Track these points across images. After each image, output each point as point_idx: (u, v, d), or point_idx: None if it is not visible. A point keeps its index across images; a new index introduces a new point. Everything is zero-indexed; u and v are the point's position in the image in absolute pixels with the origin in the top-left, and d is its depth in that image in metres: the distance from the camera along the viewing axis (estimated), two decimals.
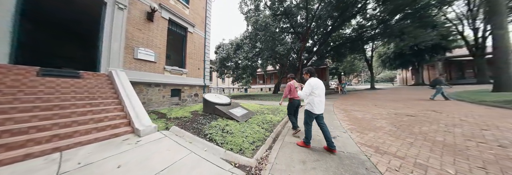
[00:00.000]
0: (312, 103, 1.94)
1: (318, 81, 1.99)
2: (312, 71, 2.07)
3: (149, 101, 5.01)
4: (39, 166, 1.40)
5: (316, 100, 1.92)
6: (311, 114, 1.96)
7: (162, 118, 3.34)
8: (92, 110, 2.52)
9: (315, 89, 1.93)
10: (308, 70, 2.09)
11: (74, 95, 2.73)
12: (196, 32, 7.03)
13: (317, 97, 1.93)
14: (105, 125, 2.29)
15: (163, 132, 2.41)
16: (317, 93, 1.93)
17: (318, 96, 1.93)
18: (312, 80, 1.98)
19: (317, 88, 1.93)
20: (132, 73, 4.56)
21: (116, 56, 4.20)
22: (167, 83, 5.54)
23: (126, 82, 3.52)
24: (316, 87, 1.93)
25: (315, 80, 1.99)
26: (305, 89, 1.97)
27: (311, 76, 2.06)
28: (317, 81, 1.98)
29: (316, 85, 1.94)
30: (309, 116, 1.99)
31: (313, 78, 2.02)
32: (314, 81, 1.96)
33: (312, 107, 1.93)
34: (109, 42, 4.09)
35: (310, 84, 1.95)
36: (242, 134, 2.34)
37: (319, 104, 1.93)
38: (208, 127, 2.63)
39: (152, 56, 5.14)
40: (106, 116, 2.49)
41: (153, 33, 5.24)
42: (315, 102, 1.92)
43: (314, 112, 1.93)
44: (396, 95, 9.10)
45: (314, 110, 1.93)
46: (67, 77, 3.17)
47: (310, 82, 1.96)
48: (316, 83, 1.95)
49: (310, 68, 2.11)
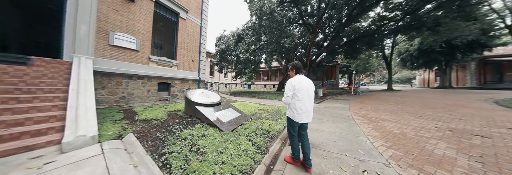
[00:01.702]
0: (294, 109, 1.52)
1: (302, 80, 1.55)
2: (299, 67, 1.63)
3: (130, 96, 4.33)
4: None
5: (298, 105, 1.51)
6: (293, 122, 1.55)
7: (126, 120, 2.60)
8: (13, 108, 1.80)
9: (298, 91, 1.50)
10: (294, 65, 1.64)
11: (3, 86, 2.03)
12: (190, 19, 6.12)
13: (299, 101, 1.51)
14: (20, 131, 1.56)
15: (105, 145, 1.65)
16: (299, 96, 1.51)
17: (301, 99, 1.51)
18: (294, 79, 1.55)
19: (299, 89, 1.51)
20: (107, 62, 3.84)
21: (84, 41, 3.46)
22: (153, 75, 4.81)
23: (85, 73, 2.78)
24: (298, 88, 1.50)
25: (299, 79, 1.55)
26: (286, 91, 1.55)
27: (297, 73, 1.63)
28: (301, 80, 1.55)
29: (299, 86, 1.51)
30: (290, 125, 1.59)
31: (297, 76, 1.59)
32: (296, 81, 1.53)
33: (294, 113, 1.52)
34: (74, 23, 3.33)
35: (291, 84, 1.52)
36: (218, 158, 1.49)
37: (302, 110, 1.51)
38: (173, 140, 1.83)
39: (133, 43, 4.37)
40: (31, 117, 1.75)
41: (135, 16, 4.42)
42: (297, 107, 1.51)
43: (295, 120, 1.52)
44: (425, 100, 7.63)
45: (296, 117, 1.51)
46: (9, 64, 2.48)
47: (291, 81, 1.53)
48: (299, 83, 1.52)
49: (296, 63, 1.65)
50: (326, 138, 2.40)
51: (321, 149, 1.99)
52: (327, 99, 8.30)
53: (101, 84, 3.78)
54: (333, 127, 2.98)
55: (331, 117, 3.93)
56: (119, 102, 4.07)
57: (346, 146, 2.09)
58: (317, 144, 2.16)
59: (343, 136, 2.47)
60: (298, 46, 11.23)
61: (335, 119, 3.65)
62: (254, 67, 9.45)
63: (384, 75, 45.39)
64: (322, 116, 3.99)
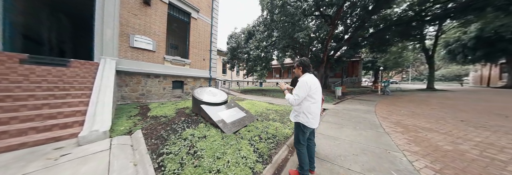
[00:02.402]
0: (308, 113, 1.33)
1: (316, 80, 1.38)
2: (306, 64, 1.43)
3: (148, 93, 4.77)
4: None
5: (313, 109, 1.34)
6: (305, 129, 1.34)
7: (139, 116, 2.84)
8: (51, 103, 2.13)
9: (314, 92, 1.33)
10: (301, 62, 1.44)
11: (44, 84, 2.44)
12: (201, 18, 6.26)
13: (314, 104, 1.34)
14: (52, 124, 1.84)
15: (115, 140, 1.80)
16: (316, 98, 1.34)
17: (316, 102, 1.36)
18: (309, 79, 1.34)
19: (316, 90, 1.34)
20: (129, 62, 4.27)
21: (109, 44, 3.90)
22: (168, 74, 5.16)
23: (107, 72, 3.13)
24: (315, 88, 1.33)
25: (313, 79, 1.36)
26: (299, 92, 1.32)
27: (304, 71, 1.44)
28: (315, 80, 1.37)
29: (315, 87, 1.34)
30: (302, 132, 1.36)
31: (308, 75, 1.39)
32: (311, 81, 1.34)
33: (308, 118, 1.32)
34: (101, 28, 3.77)
35: (306, 84, 1.31)
36: (214, 165, 1.40)
37: (316, 114, 1.36)
38: (174, 139, 1.84)
39: (150, 44, 4.72)
40: (62, 111, 2.05)
41: (151, 19, 4.74)
42: (311, 111, 1.33)
43: (310, 126, 1.34)
44: (488, 103, 5.63)
45: (310, 122, 1.33)
46: (53, 65, 2.98)
47: (307, 82, 1.32)
48: (314, 83, 1.34)
49: (304, 60, 1.45)
50: (345, 149, 1.96)
51: (337, 164, 1.59)
52: (347, 99, 7.38)
53: (125, 82, 4.25)
54: (355, 135, 2.49)
55: (352, 122, 3.37)
56: (139, 98, 4.52)
57: (372, 163, 1.61)
58: (332, 156, 1.77)
59: (368, 149, 1.98)
60: (314, 41, 10.30)
61: (357, 125, 3.10)
62: (266, 65, 9.20)
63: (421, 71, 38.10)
64: (340, 120, 3.46)
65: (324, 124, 3.21)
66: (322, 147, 2.06)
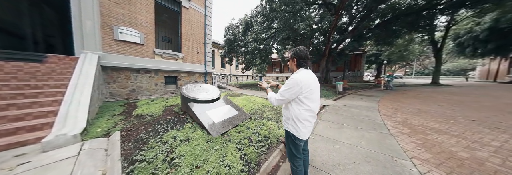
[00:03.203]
0: (297, 120, 1.01)
1: (310, 78, 1.01)
2: (303, 56, 1.04)
3: (139, 89, 4.55)
4: None
5: (306, 115, 1.01)
6: (298, 140, 1.04)
7: (123, 115, 2.64)
8: (19, 103, 1.92)
9: (307, 95, 0.98)
10: (296, 52, 1.06)
11: (13, 82, 2.21)
12: (193, 7, 5.74)
13: (308, 111, 1.01)
14: (17, 126, 1.64)
15: (87, 144, 1.61)
16: (310, 102, 1.00)
17: (311, 108, 1.01)
18: (302, 75, 1.00)
19: (310, 92, 0.99)
20: (115, 57, 3.97)
21: (90, 36, 3.56)
22: (160, 69, 4.88)
23: (87, 67, 2.86)
24: (308, 90, 0.98)
25: (306, 76, 1.00)
26: (285, 92, 1.00)
27: (299, 65, 1.07)
28: (309, 77, 1.01)
29: (308, 85, 0.98)
30: (294, 145, 1.07)
31: (303, 71, 1.04)
32: (304, 78, 0.98)
33: (298, 127, 1.01)
34: (79, 19, 3.40)
35: (297, 84, 0.96)
36: None
37: (311, 123, 1.04)
38: (153, 143, 1.65)
39: (138, 37, 4.36)
40: (31, 112, 1.85)
41: (136, 8, 4.30)
42: (304, 118, 1.00)
43: (300, 138, 1.03)
44: (498, 100, 5.33)
45: (301, 133, 1.01)
46: (26, 61, 2.71)
47: (299, 79, 0.97)
48: (308, 83, 0.98)
49: (300, 50, 1.05)
50: (345, 156, 1.73)
51: None
52: (348, 95, 7.08)
53: (112, 78, 4.00)
54: (356, 138, 2.24)
55: (353, 121, 3.09)
56: (130, 94, 4.32)
57: (377, 174, 1.39)
58: (330, 165, 1.53)
59: (372, 155, 1.73)
60: (316, 32, 9.69)
61: (359, 125, 2.83)
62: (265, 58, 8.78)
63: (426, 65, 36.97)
64: (341, 119, 3.21)
65: (322, 123, 2.99)
66: (319, 152, 1.85)
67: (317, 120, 3.09)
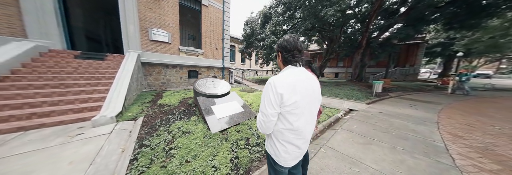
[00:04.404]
0: (277, 140, 0.73)
1: (299, 80, 0.68)
2: (289, 47, 0.70)
3: (168, 82, 5.43)
4: None
5: (289, 136, 0.71)
6: (279, 166, 0.76)
7: (150, 103, 3.27)
8: (86, 90, 2.74)
9: (293, 106, 0.66)
10: (280, 45, 0.74)
11: (87, 74, 3.13)
12: (212, 5, 5.97)
13: (289, 132, 0.70)
14: (83, 107, 2.38)
15: (119, 125, 2.14)
16: (294, 119, 0.68)
17: (294, 131, 0.70)
18: (283, 77, 0.67)
19: (294, 103, 0.65)
20: (150, 54, 4.83)
21: (133, 38, 4.43)
22: (183, 64, 5.58)
23: (128, 64, 3.63)
24: (292, 102, 0.65)
25: (293, 76, 0.68)
26: (262, 106, 0.69)
27: (286, 62, 0.74)
28: (296, 80, 0.67)
29: (291, 93, 0.64)
30: (274, 170, 0.79)
31: (289, 70, 0.72)
32: (288, 80, 0.66)
33: (278, 151, 0.72)
34: (125, 24, 4.26)
35: (273, 91, 0.65)
36: (178, 169, 1.27)
37: (295, 147, 0.73)
38: (161, 131, 1.93)
39: (166, 36, 5.06)
40: (92, 97, 2.61)
41: (164, 11, 4.91)
42: (285, 139, 0.71)
43: (281, 164, 0.74)
44: None
45: (282, 159, 0.73)
46: (94, 59, 3.74)
47: (276, 82, 0.65)
48: (290, 87, 0.65)
49: (286, 40, 0.72)
50: None
51: None
52: (389, 98, 5.46)
53: (149, 72, 4.94)
54: (391, 162, 1.52)
55: (391, 136, 2.21)
56: (161, 86, 5.24)
57: None
58: None
59: None
60: (350, 19, 8.01)
61: (399, 143, 1.98)
62: None
63: None
64: (372, 131, 2.35)
65: (342, 133, 2.28)
66: (326, 174, 1.36)
67: (336, 129, 2.44)
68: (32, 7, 3.13)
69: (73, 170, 1.22)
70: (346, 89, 6.57)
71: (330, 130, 2.49)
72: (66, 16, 3.74)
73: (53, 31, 3.39)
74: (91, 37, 6.02)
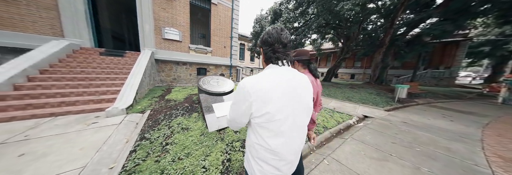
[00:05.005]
0: (252, 157, 0.57)
1: (279, 83, 0.52)
2: (269, 40, 0.56)
3: (178, 78, 5.78)
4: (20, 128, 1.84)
5: (265, 156, 0.53)
6: None
7: (159, 98, 3.53)
8: (106, 83, 3.10)
9: (265, 118, 0.51)
10: (261, 37, 0.61)
11: (108, 69, 3.54)
12: (221, 3, 6.04)
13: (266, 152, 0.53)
14: (101, 98, 2.71)
15: (128, 117, 2.37)
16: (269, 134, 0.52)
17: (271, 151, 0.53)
18: (256, 79, 0.52)
19: (266, 113, 0.50)
20: (162, 52, 5.18)
21: (148, 37, 4.80)
22: (193, 62, 5.85)
23: (142, 60, 3.97)
24: (262, 108, 0.51)
25: (270, 81, 0.52)
26: (231, 109, 0.58)
27: (268, 59, 0.59)
28: (275, 86, 0.52)
29: (264, 100, 0.50)
30: None
31: (269, 70, 0.57)
32: (260, 87, 0.51)
33: (252, 169, 0.57)
34: (142, 24, 4.63)
35: (243, 94, 0.52)
36: (169, 166, 1.29)
37: (274, 169, 0.54)
38: (162, 125, 2.04)
39: (177, 35, 5.34)
40: (110, 90, 2.95)
41: (176, 11, 5.16)
42: (262, 158, 0.54)
43: None
44: None
45: None
46: (115, 56, 4.19)
47: (247, 85, 0.51)
48: (262, 91, 0.50)
49: (267, 32, 0.58)
50: None
51: None
52: (416, 105, 4.68)
53: (162, 69, 5.32)
54: None
55: (414, 152, 1.83)
56: (172, 82, 5.61)
57: None
58: None
59: None
60: (370, 14, 7.22)
61: (424, 162, 1.62)
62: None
63: None
64: (390, 145, 2.00)
65: (353, 144, 1.97)
66: None
67: (346, 138, 2.12)
68: (68, 11, 3.62)
69: (82, 156, 1.40)
70: (362, 92, 6.05)
71: (338, 138, 2.21)
72: (94, 18, 4.25)
73: (83, 31, 3.88)
74: (115, 36, 6.73)
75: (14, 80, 2.39)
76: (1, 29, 3.04)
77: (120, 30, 7.20)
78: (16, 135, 1.67)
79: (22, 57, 2.76)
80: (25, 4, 3.21)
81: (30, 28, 3.31)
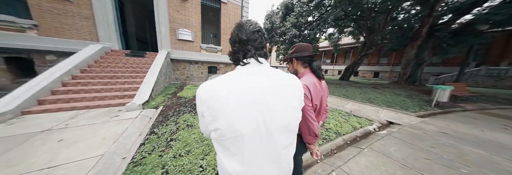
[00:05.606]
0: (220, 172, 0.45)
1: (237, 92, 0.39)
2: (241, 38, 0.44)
3: (191, 76, 6.17)
4: (64, 117, 2.28)
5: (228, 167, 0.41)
6: None
7: (172, 94, 3.86)
8: (128, 81, 3.55)
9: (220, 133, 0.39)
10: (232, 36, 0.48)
11: (131, 69, 4.03)
12: (231, 1, 6.04)
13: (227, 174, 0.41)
14: (124, 94, 3.12)
15: (143, 112, 2.68)
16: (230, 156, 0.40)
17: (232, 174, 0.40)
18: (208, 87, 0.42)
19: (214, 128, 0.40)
20: (177, 52, 5.58)
21: (165, 38, 5.22)
22: (204, 60, 6.13)
23: (158, 60, 4.36)
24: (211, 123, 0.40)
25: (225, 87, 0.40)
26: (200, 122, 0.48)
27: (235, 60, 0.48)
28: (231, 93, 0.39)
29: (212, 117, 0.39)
30: None
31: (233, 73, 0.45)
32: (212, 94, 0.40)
33: None
34: (159, 27, 5.05)
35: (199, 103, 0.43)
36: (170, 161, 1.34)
37: None
38: (170, 121, 2.22)
39: (190, 35, 5.64)
40: (132, 87, 3.37)
41: (189, 12, 5.42)
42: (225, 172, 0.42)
43: None
44: None
45: None
46: (137, 57, 4.72)
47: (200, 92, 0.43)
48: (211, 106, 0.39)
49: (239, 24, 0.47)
50: None
51: None
52: (461, 112, 3.75)
53: (177, 67, 5.76)
54: None
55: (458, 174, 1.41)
56: (186, 80, 6.03)
57: None
58: None
59: None
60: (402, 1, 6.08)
61: None
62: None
63: None
64: (423, 161, 1.57)
65: (371, 156, 1.64)
66: None
67: (362, 148, 1.82)
68: (101, 18, 4.21)
69: (102, 145, 1.64)
70: (387, 93, 5.24)
71: (352, 147, 1.85)
72: (122, 23, 4.83)
73: (113, 35, 4.48)
74: (139, 39, 7.54)
75: (62, 78, 2.96)
76: (58, 37, 3.77)
77: (143, 33, 8.03)
78: (60, 123, 2.08)
79: (68, 59, 3.38)
80: (70, 15, 3.87)
81: (75, 35, 3.99)
